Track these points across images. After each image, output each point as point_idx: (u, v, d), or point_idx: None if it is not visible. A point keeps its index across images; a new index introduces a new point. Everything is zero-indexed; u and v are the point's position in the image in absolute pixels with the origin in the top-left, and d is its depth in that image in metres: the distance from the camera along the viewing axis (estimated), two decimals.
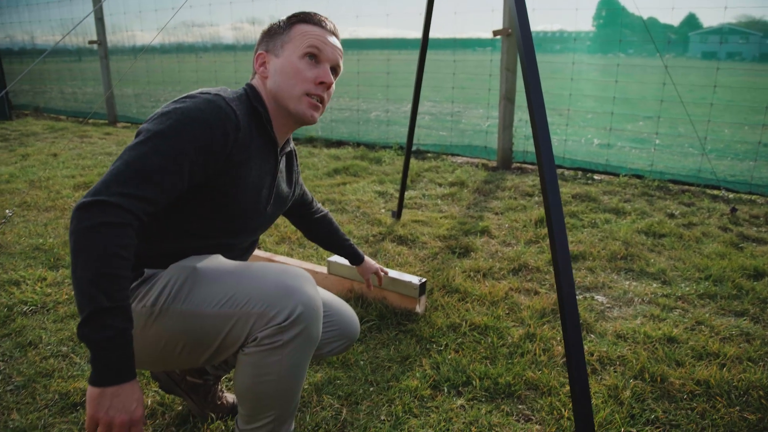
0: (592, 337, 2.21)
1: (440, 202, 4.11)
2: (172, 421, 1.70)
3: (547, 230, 1.79)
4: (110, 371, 1.03)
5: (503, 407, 1.77)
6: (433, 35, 3.11)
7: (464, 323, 2.27)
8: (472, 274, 2.78)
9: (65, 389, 1.82)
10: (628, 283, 2.71)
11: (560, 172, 5.05)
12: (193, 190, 1.26)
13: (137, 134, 1.19)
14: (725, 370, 1.94)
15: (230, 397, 1.76)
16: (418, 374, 1.94)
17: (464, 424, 1.69)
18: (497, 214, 3.81)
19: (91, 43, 8.14)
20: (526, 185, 4.49)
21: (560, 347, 2.10)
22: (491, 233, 3.39)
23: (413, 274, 2.74)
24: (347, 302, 2.27)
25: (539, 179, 1.47)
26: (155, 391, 1.83)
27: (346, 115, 8.13)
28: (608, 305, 2.49)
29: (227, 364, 1.65)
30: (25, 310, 2.37)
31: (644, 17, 3.96)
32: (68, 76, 10.26)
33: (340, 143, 6.44)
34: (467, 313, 2.37)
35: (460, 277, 2.73)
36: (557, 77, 5.99)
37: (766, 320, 2.34)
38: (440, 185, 4.57)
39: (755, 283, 2.67)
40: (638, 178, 4.68)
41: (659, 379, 1.90)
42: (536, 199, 4.12)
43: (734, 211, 3.75)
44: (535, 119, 1.50)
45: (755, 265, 2.82)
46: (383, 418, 1.72)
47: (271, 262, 2.48)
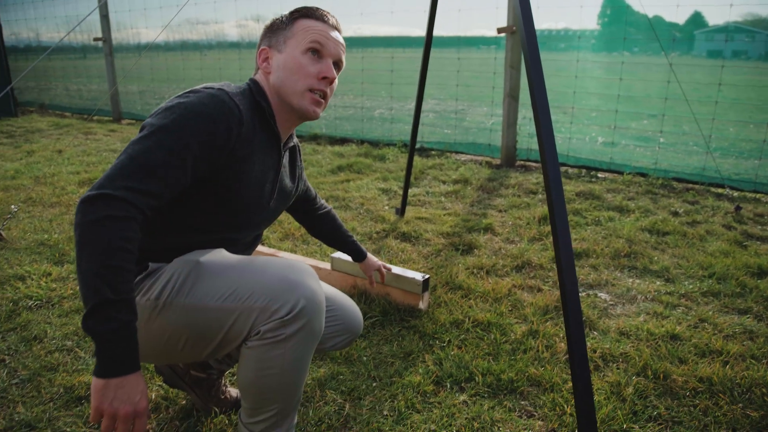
0: (595, 334, 2.21)
1: (444, 199, 4.11)
2: (175, 414, 1.71)
3: (550, 228, 1.79)
4: (114, 363, 1.04)
5: (506, 403, 1.78)
6: (437, 33, 3.11)
7: (467, 320, 2.27)
8: (475, 271, 2.78)
9: (70, 383, 1.83)
10: (631, 280, 2.71)
11: (564, 170, 5.05)
12: (196, 185, 1.26)
13: (141, 129, 1.20)
14: (728, 367, 1.94)
15: (234, 391, 1.77)
16: (420, 370, 1.94)
17: (467, 419, 1.69)
18: (501, 211, 3.81)
19: (96, 40, 8.16)
20: (529, 183, 4.49)
21: (563, 344, 2.10)
22: (495, 230, 3.39)
23: (416, 270, 2.74)
24: (350, 298, 2.28)
25: (543, 177, 1.47)
26: (159, 385, 1.84)
27: (350, 112, 8.13)
28: (611, 302, 2.49)
29: (231, 358, 1.65)
30: (30, 304, 2.38)
31: (649, 15, 3.94)
32: (73, 73, 10.29)
33: (344, 140, 6.45)
34: (470, 309, 2.37)
35: (463, 273, 2.73)
36: (562, 75, 5.98)
37: None
38: (444, 183, 4.57)
39: (759, 281, 2.66)
40: (642, 176, 4.67)
41: (662, 376, 1.90)
42: (540, 196, 4.12)
43: (738, 209, 3.74)
44: (538, 117, 1.50)
45: (759, 263, 2.82)
46: (386, 413, 1.73)
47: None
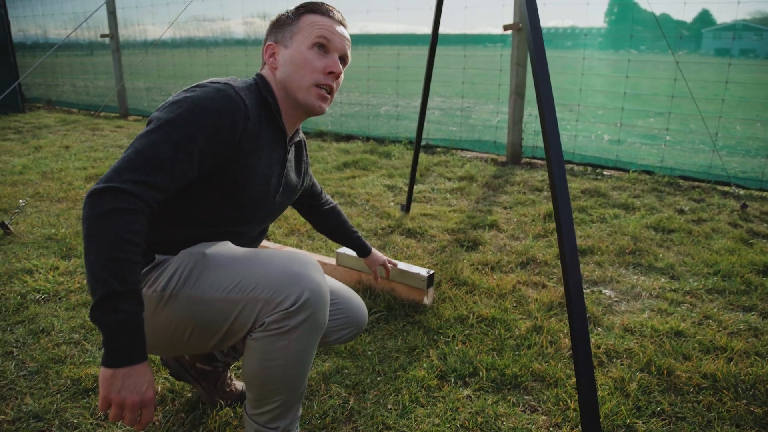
0: (599, 330, 2.21)
1: (449, 196, 4.12)
2: (181, 407, 1.72)
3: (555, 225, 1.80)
4: (121, 353, 1.05)
5: (509, 398, 1.78)
6: (443, 31, 3.12)
7: (472, 315, 2.28)
8: (480, 267, 2.79)
9: (77, 375, 1.85)
10: (636, 277, 2.71)
11: (570, 167, 5.04)
12: (202, 179, 1.27)
13: (148, 122, 1.21)
14: (732, 364, 1.94)
15: (239, 384, 1.78)
16: (425, 364, 1.95)
17: (470, 413, 1.70)
18: (506, 208, 3.81)
19: (103, 36, 8.19)
20: (535, 180, 4.48)
21: (567, 340, 2.10)
22: (500, 227, 3.39)
23: (421, 266, 2.75)
24: (356, 292, 2.29)
25: (548, 174, 1.48)
26: (165, 378, 1.86)
27: (356, 109, 8.13)
28: (616, 299, 2.49)
29: (236, 351, 1.67)
30: (37, 298, 2.40)
31: (656, 13, 3.93)
32: (80, 69, 10.33)
33: (349, 137, 6.45)
34: (475, 305, 2.37)
35: (468, 269, 2.73)
36: (568, 72, 5.97)
37: None
38: (449, 179, 4.57)
39: (764, 278, 2.65)
40: (648, 174, 4.66)
41: (666, 372, 1.90)
42: (545, 194, 4.12)
43: (745, 207, 3.73)
44: (544, 114, 1.50)
45: (765, 260, 2.81)
46: (390, 407, 1.74)
47: None
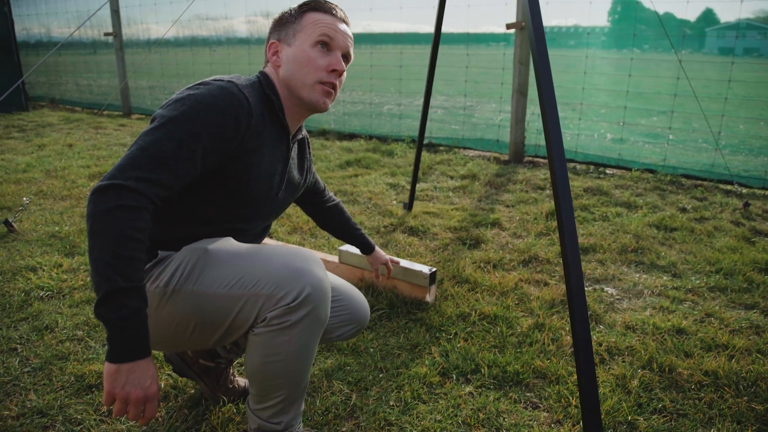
0: (601, 327, 2.21)
1: (452, 194, 4.12)
2: (184, 403, 1.73)
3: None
4: (125, 349, 1.06)
5: (511, 395, 1.79)
6: (446, 30, 3.13)
7: (474, 313, 2.29)
8: (482, 265, 2.79)
9: (80, 371, 1.86)
10: (638, 275, 2.71)
11: (572, 166, 5.04)
12: (206, 176, 1.28)
13: (152, 120, 1.22)
14: (734, 361, 1.94)
15: (242, 381, 1.79)
16: (427, 362, 1.96)
17: (472, 410, 1.71)
18: (508, 206, 3.81)
19: (106, 35, 8.21)
20: (537, 179, 4.49)
21: (569, 337, 2.11)
22: (502, 225, 3.40)
23: (424, 264, 2.75)
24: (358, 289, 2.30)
25: (550, 172, 1.48)
26: (168, 374, 1.87)
27: (358, 108, 8.14)
28: (618, 297, 2.49)
29: (239, 347, 1.67)
30: (41, 295, 2.42)
31: (660, 12, 3.92)
32: (84, 68, 10.35)
33: (352, 136, 6.46)
34: (477, 302, 2.38)
35: (470, 267, 2.74)
36: (571, 71, 5.97)
37: None
38: (452, 178, 4.57)
39: (766, 276, 2.65)
40: (651, 172, 4.66)
41: (667, 369, 1.90)
42: (548, 192, 4.12)
43: (747, 206, 3.73)
44: (546, 113, 1.51)
45: (767, 259, 2.81)
46: (392, 403, 1.74)
47: None
